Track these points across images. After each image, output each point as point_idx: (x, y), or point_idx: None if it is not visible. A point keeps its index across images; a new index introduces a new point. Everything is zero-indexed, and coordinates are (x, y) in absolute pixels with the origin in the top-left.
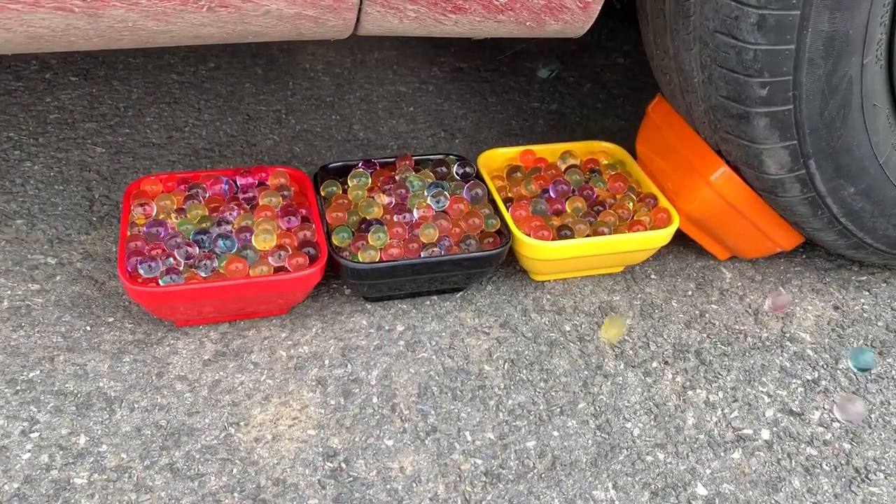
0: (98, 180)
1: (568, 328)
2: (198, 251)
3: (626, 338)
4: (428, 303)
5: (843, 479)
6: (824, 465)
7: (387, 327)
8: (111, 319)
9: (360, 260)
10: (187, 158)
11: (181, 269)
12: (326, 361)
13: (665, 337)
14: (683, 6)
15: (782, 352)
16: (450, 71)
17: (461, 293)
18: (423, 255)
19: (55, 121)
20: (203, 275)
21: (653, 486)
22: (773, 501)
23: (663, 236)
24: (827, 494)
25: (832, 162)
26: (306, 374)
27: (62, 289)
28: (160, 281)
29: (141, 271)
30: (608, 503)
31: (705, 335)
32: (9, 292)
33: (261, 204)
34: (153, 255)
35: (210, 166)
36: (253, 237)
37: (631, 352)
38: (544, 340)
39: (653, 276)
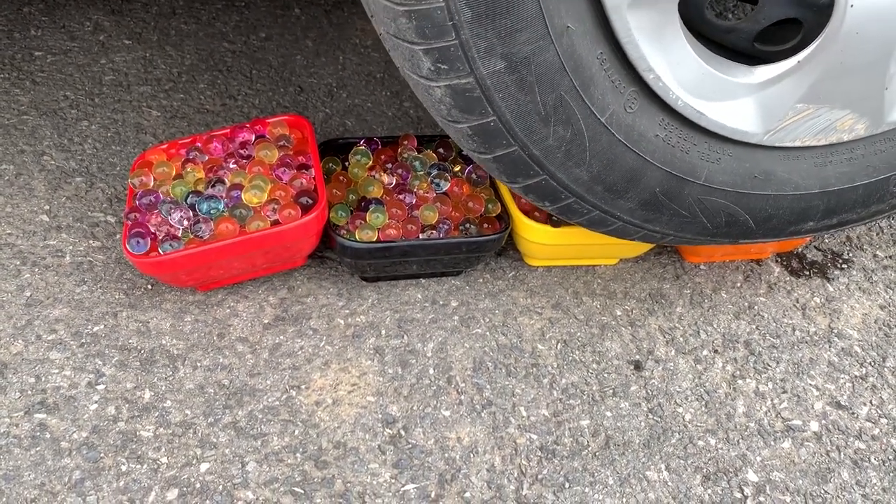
0: (154, 143)
1: (619, 312)
2: (191, 215)
3: (677, 325)
4: (481, 280)
5: (892, 474)
6: (873, 459)
7: (441, 302)
8: None
9: (358, 238)
10: None
11: (180, 234)
12: (383, 331)
13: (715, 326)
14: None
15: (830, 347)
16: None
17: (513, 274)
18: (421, 237)
19: (110, 82)
20: (204, 237)
21: (704, 470)
22: (822, 491)
23: None
24: (875, 487)
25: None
26: (364, 342)
27: (122, 247)
28: (159, 249)
29: (130, 246)
30: (661, 484)
31: (754, 326)
32: (70, 248)
33: (256, 158)
34: (148, 227)
35: None
36: (242, 193)
37: (681, 339)
38: (596, 323)
39: (702, 267)
